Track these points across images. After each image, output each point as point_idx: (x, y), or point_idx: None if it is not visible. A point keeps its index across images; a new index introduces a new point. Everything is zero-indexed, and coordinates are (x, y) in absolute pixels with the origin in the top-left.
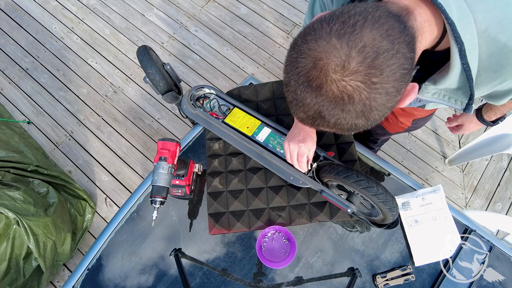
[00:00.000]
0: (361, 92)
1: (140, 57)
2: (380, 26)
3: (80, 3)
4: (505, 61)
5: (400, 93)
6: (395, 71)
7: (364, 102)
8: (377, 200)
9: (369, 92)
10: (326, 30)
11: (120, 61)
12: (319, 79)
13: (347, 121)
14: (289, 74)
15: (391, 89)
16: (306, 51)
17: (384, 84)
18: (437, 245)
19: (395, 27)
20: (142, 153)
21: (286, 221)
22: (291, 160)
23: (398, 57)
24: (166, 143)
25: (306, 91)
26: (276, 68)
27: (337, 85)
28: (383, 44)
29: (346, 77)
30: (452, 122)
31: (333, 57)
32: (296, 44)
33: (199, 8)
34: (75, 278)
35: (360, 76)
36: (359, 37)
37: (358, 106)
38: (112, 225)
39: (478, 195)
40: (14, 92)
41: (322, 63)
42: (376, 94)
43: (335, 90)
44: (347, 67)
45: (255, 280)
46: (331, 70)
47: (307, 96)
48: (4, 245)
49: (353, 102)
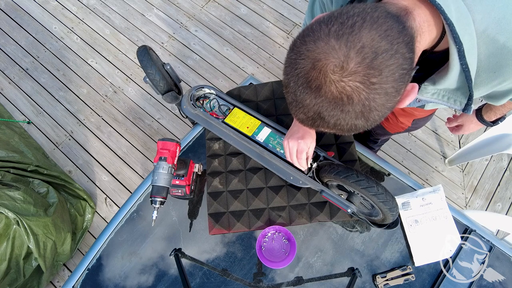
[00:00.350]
0: (360, 93)
1: (140, 57)
2: (379, 27)
3: (80, 3)
4: (504, 61)
5: (399, 94)
6: (394, 72)
7: (363, 102)
8: (377, 200)
9: (368, 93)
10: (324, 31)
11: (120, 61)
12: (318, 80)
13: (346, 122)
14: (289, 75)
15: (390, 90)
16: (305, 52)
17: (383, 84)
18: (437, 245)
19: (394, 27)
20: (142, 153)
21: (286, 221)
22: (290, 157)
23: (397, 57)
24: (166, 143)
25: (305, 92)
26: (276, 68)
27: (336, 86)
28: (381, 44)
29: (345, 78)
30: (452, 122)
31: (331, 58)
32: (295, 45)
33: (199, 8)
34: (75, 278)
35: (359, 76)
36: (358, 38)
37: (358, 106)
38: (112, 225)
39: (478, 195)
40: (14, 92)
41: (321, 64)
42: (375, 95)
43: (334, 91)
44: (345, 68)
45: (255, 280)
46: (330, 71)
47: (307, 97)
48: (4, 245)
49: (352, 102)
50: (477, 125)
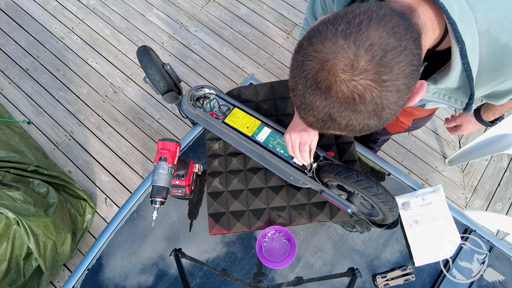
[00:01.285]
0: (372, 91)
1: (140, 57)
2: (386, 24)
3: (80, 3)
4: (506, 61)
5: (410, 90)
6: (404, 68)
7: (376, 101)
8: (377, 200)
9: (380, 91)
10: (331, 31)
11: (120, 61)
12: (328, 81)
13: (359, 122)
14: (296, 78)
15: (401, 86)
16: (313, 54)
17: (395, 81)
18: (437, 245)
19: (400, 24)
20: (142, 153)
21: (286, 221)
22: (292, 151)
23: (406, 53)
24: (166, 143)
25: (314, 94)
26: (276, 68)
27: (347, 85)
28: (390, 41)
29: (356, 77)
30: (450, 122)
31: (341, 57)
32: (301, 47)
33: (199, 8)
34: (75, 278)
35: (370, 74)
36: (366, 36)
37: (370, 105)
38: (112, 225)
39: (478, 195)
40: (14, 92)
41: (330, 64)
42: (387, 92)
43: (345, 90)
44: (356, 67)
45: (255, 280)
46: (340, 71)
47: (316, 99)
48: (4, 245)
49: (364, 101)
50: (476, 125)
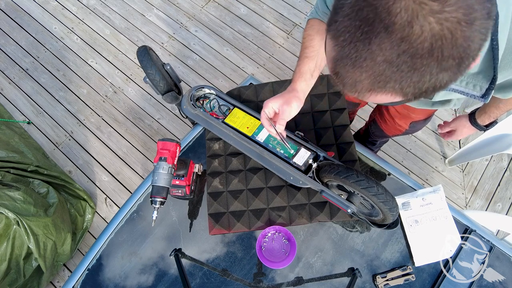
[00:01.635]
0: (463, 30)
1: (140, 57)
2: None
3: (80, 3)
4: None
5: (483, 44)
6: (483, 12)
7: (464, 44)
8: (377, 200)
9: (471, 31)
10: None
11: (120, 61)
12: (408, 13)
13: (435, 75)
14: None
15: (483, 31)
16: None
17: (479, 21)
18: (437, 245)
19: None
20: (142, 153)
21: (286, 221)
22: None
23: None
24: (166, 143)
25: (379, 36)
26: (276, 68)
27: (438, 19)
28: None
29: (448, 7)
30: (444, 128)
31: None
32: None
33: (199, 8)
34: (75, 278)
35: (462, 8)
36: None
37: (458, 49)
38: (112, 225)
39: (478, 195)
40: (14, 92)
41: None
42: (476, 34)
43: (435, 25)
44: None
45: (255, 280)
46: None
47: (385, 41)
48: (4, 245)
49: (455, 43)
50: (470, 129)
